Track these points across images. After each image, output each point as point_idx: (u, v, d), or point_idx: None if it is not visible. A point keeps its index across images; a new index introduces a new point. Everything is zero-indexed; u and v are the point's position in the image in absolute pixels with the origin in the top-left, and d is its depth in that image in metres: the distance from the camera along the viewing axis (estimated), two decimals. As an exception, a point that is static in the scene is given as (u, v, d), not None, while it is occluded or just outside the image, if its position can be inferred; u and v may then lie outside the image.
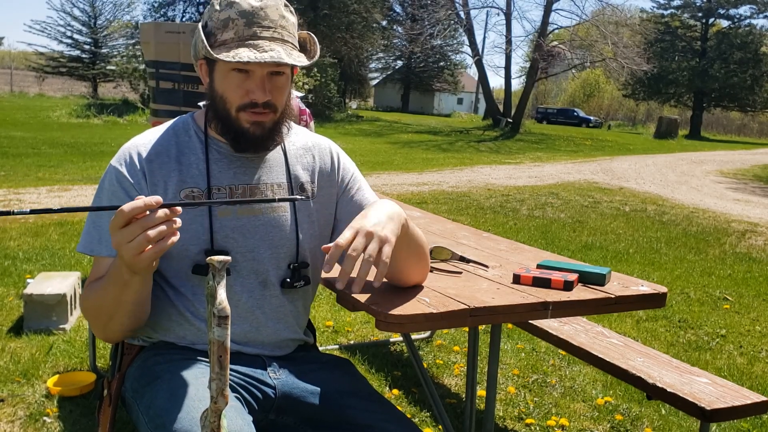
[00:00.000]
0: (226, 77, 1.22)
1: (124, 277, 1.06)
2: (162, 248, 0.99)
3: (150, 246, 0.98)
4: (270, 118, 1.25)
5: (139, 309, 1.17)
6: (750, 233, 7.10)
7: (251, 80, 1.21)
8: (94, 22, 29.51)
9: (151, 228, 0.96)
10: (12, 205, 6.28)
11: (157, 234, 0.97)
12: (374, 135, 20.06)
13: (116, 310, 1.14)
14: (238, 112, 1.23)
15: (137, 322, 1.21)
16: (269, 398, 1.28)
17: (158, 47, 4.02)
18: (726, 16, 35.99)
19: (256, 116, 1.23)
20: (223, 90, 1.23)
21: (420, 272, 1.36)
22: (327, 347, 3.14)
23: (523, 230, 6.44)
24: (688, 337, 3.63)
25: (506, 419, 2.51)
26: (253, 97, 1.21)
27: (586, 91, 49.58)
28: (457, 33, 36.28)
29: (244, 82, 1.21)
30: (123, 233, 0.97)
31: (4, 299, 3.51)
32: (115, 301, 1.13)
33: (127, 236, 0.97)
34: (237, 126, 1.24)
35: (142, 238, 0.96)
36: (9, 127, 14.09)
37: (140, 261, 0.99)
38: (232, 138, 1.26)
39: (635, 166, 15.06)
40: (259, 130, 1.24)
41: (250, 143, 1.26)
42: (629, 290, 1.45)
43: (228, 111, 1.24)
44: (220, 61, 1.21)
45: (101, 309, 1.16)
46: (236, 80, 1.21)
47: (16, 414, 2.32)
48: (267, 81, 1.22)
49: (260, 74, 1.21)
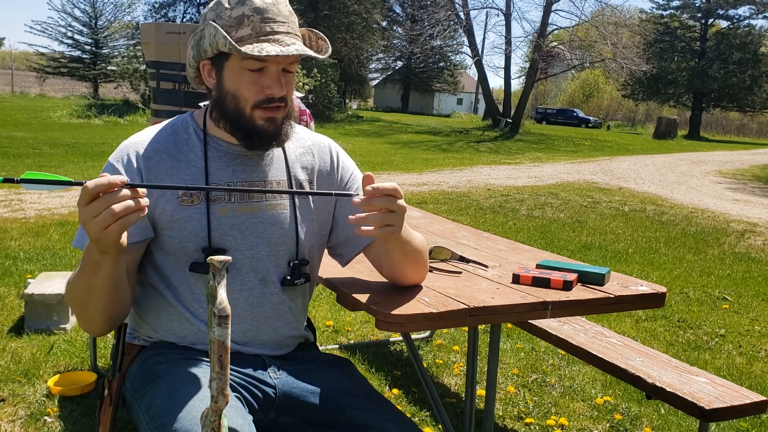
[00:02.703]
0: (240, 75, 1.21)
1: (95, 259, 1.07)
2: (127, 223, 0.99)
3: (115, 221, 0.98)
4: (281, 113, 1.26)
5: (113, 296, 1.15)
6: (749, 233, 7.10)
7: (266, 76, 1.22)
8: (94, 23, 29.48)
9: (116, 203, 0.97)
10: (13, 205, 6.29)
11: (123, 209, 0.98)
12: (374, 135, 20.05)
13: (90, 295, 1.14)
14: (253, 110, 1.23)
15: (114, 311, 1.19)
16: (269, 398, 1.28)
17: (159, 48, 4.03)
18: (725, 17, 35.98)
19: (270, 112, 1.24)
20: (236, 88, 1.22)
21: (417, 274, 1.38)
22: (327, 347, 3.15)
23: (523, 230, 6.44)
24: (687, 336, 3.63)
25: (506, 419, 2.52)
26: (270, 92, 1.22)
27: (586, 92, 49.59)
28: (457, 33, 36.33)
29: (258, 79, 1.22)
30: (88, 209, 0.98)
31: (5, 299, 3.51)
32: (88, 285, 1.12)
33: (92, 212, 0.97)
34: (251, 124, 1.24)
35: (107, 213, 0.97)
36: (10, 127, 14.09)
37: (105, 236, 0.99)
38: (244, 136, 1.26)
39: (634, 166, 15.07)
40: (272, 127, 1.25)
41: (264, 140, 1.26)
42: (628, 290, 1.45)
43: (242, 109, 1.23)
44: (231, 60, 1.21)
45: (78, 296, 1.16)
46: (251, 77, 1.21)
47: (17, 413, 2.32)
48: (282, 76, 1.23)
49: (276, 70, 1.22)
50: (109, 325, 1.23)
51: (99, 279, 1.10)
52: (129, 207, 0.98)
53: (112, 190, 0.98)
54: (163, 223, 1.24)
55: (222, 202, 1.27)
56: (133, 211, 0.99)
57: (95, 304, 1.15)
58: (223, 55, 1.22)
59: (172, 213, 1.24)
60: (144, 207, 1.01)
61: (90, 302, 1.15)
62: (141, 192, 1.00)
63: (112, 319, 1.22)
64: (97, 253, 1.05)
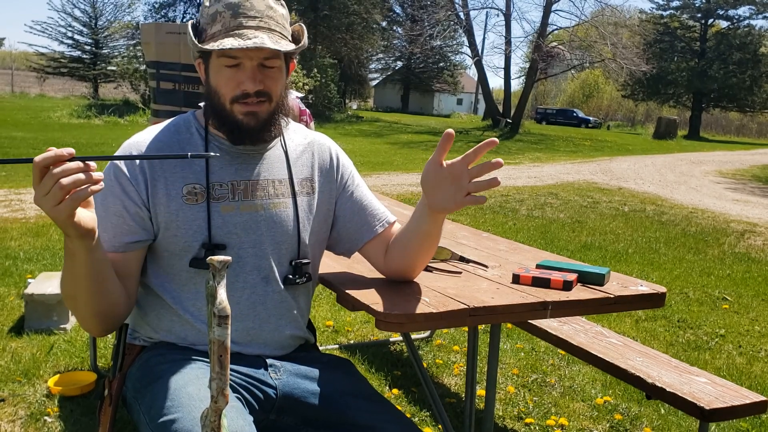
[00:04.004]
0: (219, 71, 1.24)
1: (69, 246, 1.06)
2: (78, 198, 0.96)
3: (65, 196, 0.95)
4: (265, 108, 1.26)
5: (96, 288, 1.13)
6: (749, 233, 7.10)
7: (242, 72, 1.23)
8: (94, 23, 29.48)
9: (64, 177, 0.95)
10: (13, 205, 6.29)
11: (71, 182, 0.94)
12: (374, 135, 20.06)
13: (74, 287, 1.13)
14: (231, 105, 1.24)
15: (102, 305, 1.17)
16: (270, 398, 1.28)
17: (159, 48, 4.03)
18: (725, 17, 35.97)
19: (249, 107, 1.24)
20: (216, 84, 1.25)
21: (424, 262, 1.41)
22: (327, 347, 3.15)
23: (523, 230, 6.44)
24: (687, 336, 3.63)
25: (506, 419, 2.52)
26: (244, 87, 1.23)
27: (586, 92, 49.57)
28: (457, 34, 36.33)
29: (235, 75, 1.23)
30: (40, 187, 0.95)
31: (5, 299, 3.51)
32: (71, 276, 1.12)
33: (43, 189, 0.95)
34: (232, 118, 1.25)
35: (56, 187, 0.94)
36: (10, 127, 14.09)
37: (58, 213, 0.96)
38: (229, 131, 1.27)
39: (634, 166, 15.07)
40: (253, 121, 1.25)
41: (245, 134, 1.26)
42: (628, 290, 1.45)
43: (223, 104, 1.25)
44: (213, 57, 1.23)
45: (66, 290, 1.16)
46: (228, 73, 1.23)
47: (17, 413, 2.32)
48: (258, 72, 1.23)
49: (250, 65, 1.23)
50: (102, 323, 1.20)
51: (77, 267, 1.09)
52: (78, 180, 0.95)
53: (60, 163, 0.94)
54: (167, 223, 1.24)
55: (226, 201, 1.27)
56: (83, 184, 0.96)
57: (81, 296, 1.14)
58: (206, 53, 1.25)
59: (177, 212, 1.24)
60: (97, 180, 0.97)
61: (77, 295, 1.15)
62: (92, 165, 0.97)
63: (104, 316, 1.19)
64: (67, 239, 1.05)
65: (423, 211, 1.30)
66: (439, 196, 1.23)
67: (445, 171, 1.22)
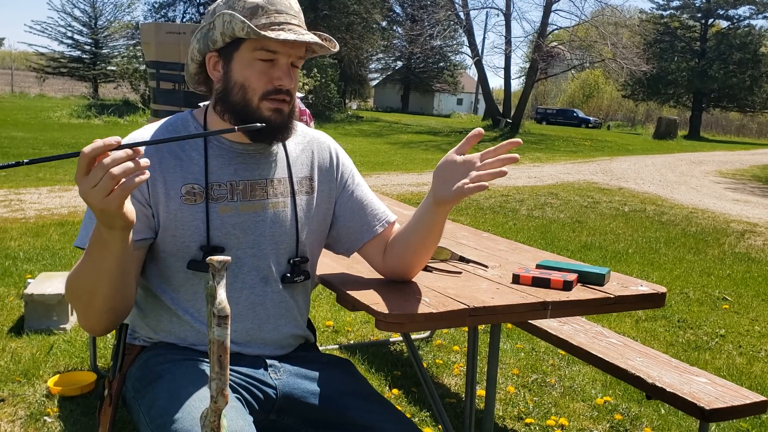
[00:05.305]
0: (250, 65, 1.22)
1: (103, 237, 1.03)
2: (129, 187, 0.94)
3: (116, 186, 0.93)
4: (288, 106, 1.27)
5: (120, 283, 1.12)
6: (749, 233, 7.10)
7: (276, 68, 1.23)
8: (94, 23, 29.47)
9: (114, 166, 0.92)
10: (13, 205, 6.29)
11: (122, 171, 0.92)
12: (374, 135, 20.05)
13: (98, 282, 1.09)
14: (261, 101, 1.23)
15: (119, 301, 1.15)
16: (270, 399, 1.28)
17: (159, 48, 4.03)
18: (725, 17, 35.97)
19: (278, 104, 1.24)
20: (245, 78, 1.23)
21: (425, 261, 1.40)
22: (327, 347, 3.15)
23: (523, 230, 6.44)
24: (688, 337, 3.63)
25: (506, 419, 2.52)
26: (279, 83, 1.23)
27: (586, 92, 49.56)
28: (457, 34, 36.31)
29: (269, 70, 1.23)
30: (88, 179, 0.93)
31: (5, 299, 3.51)
32: (96, 271, 1.08)
33: (92, 180, 0.93)
34: (258, 115, 1.24)
35: (107, 177, 0.92)
36: (10, 127, 14.09)
37: (108, 204, 0.94)
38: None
39: (634, 166, 15.06)
40: (279, 118, 1.25)
41: (271, 132, 1.26)
42: (628, 290, 1.45)
43: (249, 100, 1.23)
44: (242, 50, 1.22)
45: (82, 286, 1.11)
46: (261, 67, 1.22)
47: (17, 414, 2.32)
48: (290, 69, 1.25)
49: (286, 62, 1.24)
50: (112, 320, 1.19)
51: (107, 261, 1.06)
52: (128, 168, 0.93)
53: (108, 153, 0.93)
54: (166, 223, 1.24)
55: (225, 201, 1.26)
56: (133, 173, 0.94)
57: (102, 289, 1.10)
58: (232, 45, 1.22)
59: (176, 212, 1.23)
60: (144, 168, 0.95)
61: (96, 289, 1.10)
62: (139, 151, 0.95)
63: (116, 312, 1.17)
64: (105, 230, 1.01)
65: (426, 206, 1.31)
66: (446, 186, 1.25)
67: (459, 163, 1.25)
